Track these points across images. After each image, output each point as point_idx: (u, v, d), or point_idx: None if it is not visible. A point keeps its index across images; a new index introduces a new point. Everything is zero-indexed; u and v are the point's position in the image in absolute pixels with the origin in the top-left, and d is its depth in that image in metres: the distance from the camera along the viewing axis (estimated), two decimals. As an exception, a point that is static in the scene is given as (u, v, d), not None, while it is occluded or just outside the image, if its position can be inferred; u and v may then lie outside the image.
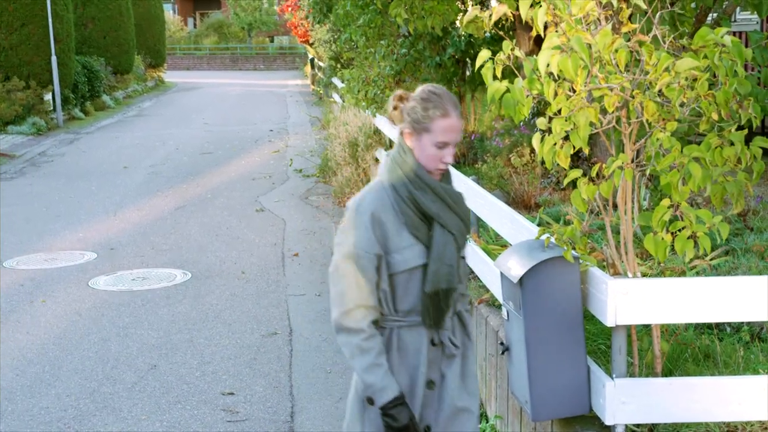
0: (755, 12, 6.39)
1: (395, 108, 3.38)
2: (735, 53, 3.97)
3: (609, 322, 3.97)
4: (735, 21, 13.90)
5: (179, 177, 15.55)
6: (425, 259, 3.31)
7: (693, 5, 6.54)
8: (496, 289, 5.30)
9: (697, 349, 4.72)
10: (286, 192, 14.11)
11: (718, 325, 5.03)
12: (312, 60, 36.76)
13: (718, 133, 4.07)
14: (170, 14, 59.02)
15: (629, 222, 4.31)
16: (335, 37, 22.53)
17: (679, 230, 4.00)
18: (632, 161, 4.27)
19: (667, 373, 4.45)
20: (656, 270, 5.59)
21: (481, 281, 6.26)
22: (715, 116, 3.98)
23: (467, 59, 12.18)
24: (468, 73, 12.16)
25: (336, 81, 21.91)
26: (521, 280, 4.11)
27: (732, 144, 4.03)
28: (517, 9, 4.63)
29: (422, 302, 3.33)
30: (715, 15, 7.29)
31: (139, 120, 25.86)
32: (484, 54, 4.31)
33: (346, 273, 3.28)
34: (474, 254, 6.38)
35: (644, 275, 5.23)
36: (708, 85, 4.01)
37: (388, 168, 3.38)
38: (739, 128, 4.15)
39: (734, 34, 10.92)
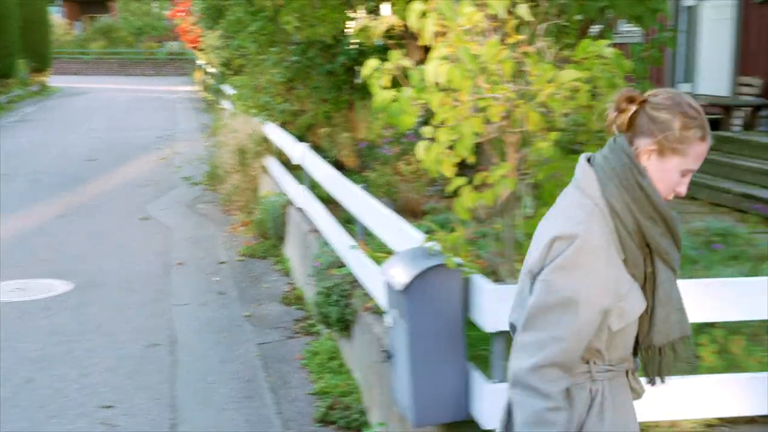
0: (638, 24, 6.57)
1: (622, 111, 2.61)
2: (615, 65, 4.07)
3: (489, 329, 4.02)
4: (618, 33, 14.26)
5: (62, 184, 15.16)
6: (645, 302, 2.67)
7: (578, 17, 6.68)
8: (382, 297, 5.31)
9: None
10: (173, 200, 13.89)
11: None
12: (202, 66, 36.37)
13: (598, 143, 4.16)
14: (57, 17, 57.65)
15: (511, 229, 4.37)
16: (226, 43, 22.33)
17: (561, 239, 4.07)
18: (515, 170, 4.34)
19: (548, 379, 4.52)
20: (541, 278, 5.68)
21: (366, 289, 6.27)
22: (595, 126, 4.07)
23: (356, 67, 12.21)
24: (358, 80, 12.19)
25: (226, 88, 21.71)
26: (405, 287, 4.12)
27: (612, 154, 4.12)
28: (407, 19, 4.65)
29: (644, 357, 2.76)
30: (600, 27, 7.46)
31: (21, 126, 25.13)
32: (372, 63, 4.33)
33: (554, 323, 2.52)
34: (360, 262, 6.39)
35: (528, 283, 5.31)
36: (589, 96, 4.10)
37: (610, 189, 2.60)
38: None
39: (617, 46, 11.20)
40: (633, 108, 2.59)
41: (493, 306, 3.96)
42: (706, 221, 7.46)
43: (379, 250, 6.58)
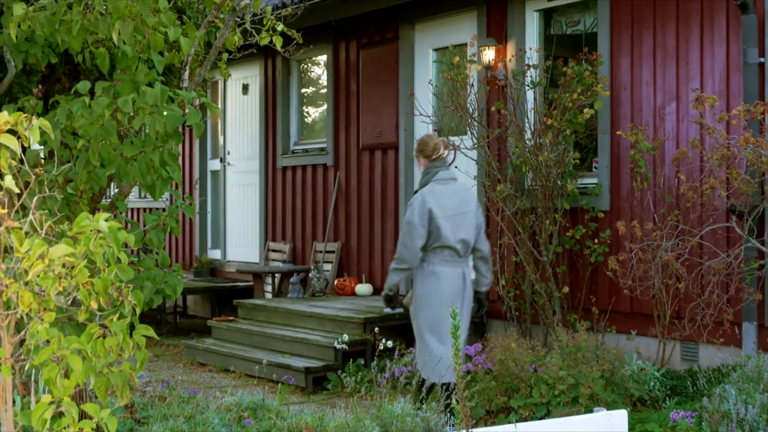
0: (150, 193, 6.78)
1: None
2: (112, 239, 4.15)
3: None
4: (146, 198, 14.67)
5: None
6: None
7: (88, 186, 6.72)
8: None
9: None
10: None
11: None
12: None
13: (99, 323, 4.18)
14: None
15: (11, 422, 4.21)
16: None
17: (66, 427, 3.99)
18: (11, 356, 4.22)
19: None
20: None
21: None
22: (94, 305, 4.08)
23: None
24: None
25: None
26: None
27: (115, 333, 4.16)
28: None
29: None
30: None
31: None
32: None
33: None
34: None
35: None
36: (87, 272, 4.12)
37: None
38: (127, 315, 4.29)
39: (145, 211, 11.40)
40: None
41: None
42: (238, 395, 7.68)
43: None
